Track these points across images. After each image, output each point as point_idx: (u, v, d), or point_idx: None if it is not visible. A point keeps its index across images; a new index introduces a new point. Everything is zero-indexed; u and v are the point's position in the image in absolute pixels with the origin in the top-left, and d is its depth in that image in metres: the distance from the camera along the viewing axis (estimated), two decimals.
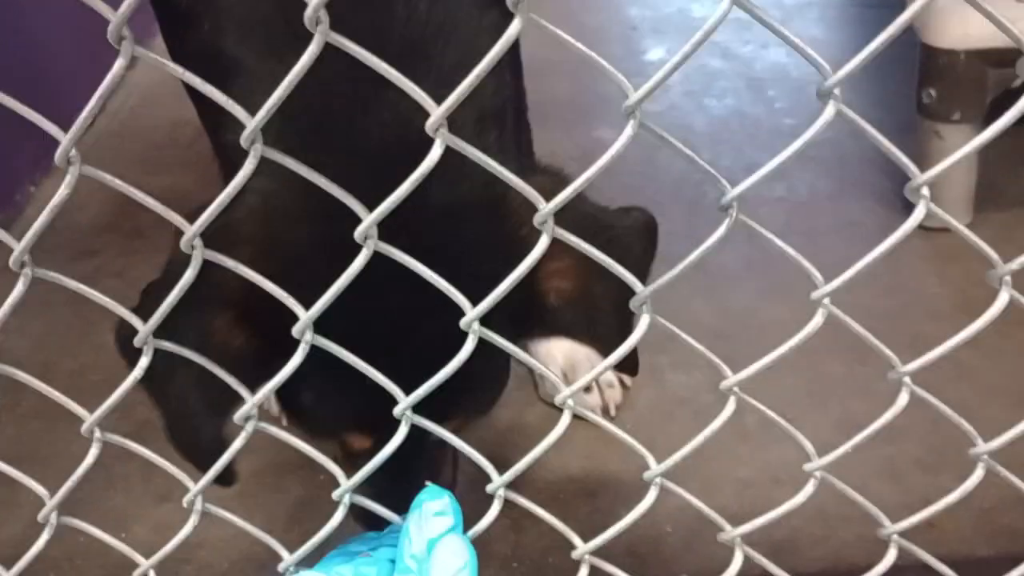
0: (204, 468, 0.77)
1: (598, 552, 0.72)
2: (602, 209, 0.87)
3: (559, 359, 1.32)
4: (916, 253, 1.51)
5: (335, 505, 0.72)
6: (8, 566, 1.12)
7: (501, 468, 0.70)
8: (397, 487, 0.75)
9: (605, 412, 1.30)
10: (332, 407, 0.85)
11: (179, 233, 0.60)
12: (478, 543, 0.71)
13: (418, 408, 0.67)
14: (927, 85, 1.51)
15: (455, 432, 0.71)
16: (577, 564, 0.73)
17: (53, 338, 1.50)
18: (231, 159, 0.80)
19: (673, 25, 2.27)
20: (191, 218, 0.59)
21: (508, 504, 0.71)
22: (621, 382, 1.32)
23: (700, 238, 0.85)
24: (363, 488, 0.72)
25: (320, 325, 0.62)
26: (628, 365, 0.95)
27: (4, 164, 1.76)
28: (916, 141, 1.56)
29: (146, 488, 1.24)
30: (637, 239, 0.88)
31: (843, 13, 2.31)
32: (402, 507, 0.70)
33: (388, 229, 0.58)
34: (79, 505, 0.79)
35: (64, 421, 1.39)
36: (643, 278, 0.69)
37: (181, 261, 0.61)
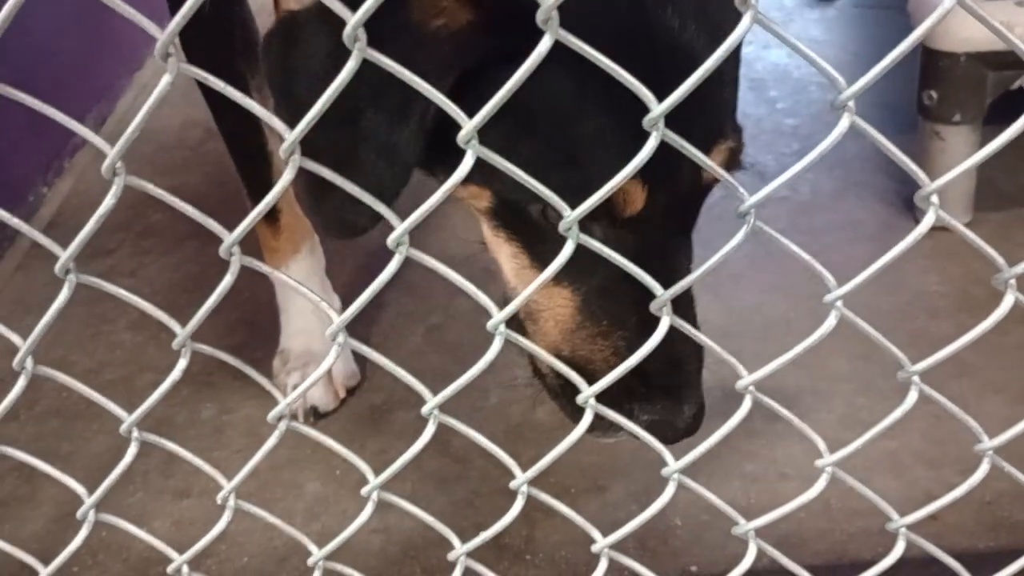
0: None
1: (612, 546, 0.75)
2: None
3: None
4: (917, 250, 1.51)
5: (353, 500, 0.74)
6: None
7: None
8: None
9: None
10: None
11: None
12: (492, 537, 0.74)
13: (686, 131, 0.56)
14: (928, 87, 1.53)
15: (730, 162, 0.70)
16: (589, 557, 0.76)
17: (68, 336, 1.52)
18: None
19: None
20: None
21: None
22: None
23: (706, 234, 0.88)
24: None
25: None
26: None
27: (17, 165, 1.78)
28: (917, 141, 1.59)
29: (165, 484, 1.26)
30: None
31: (843, 13, 2.33)
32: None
33: None
34: (102, 500, 0.81)
35: (82, 419, 1.42)
36: None
37: None
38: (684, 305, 0.81)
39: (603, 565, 0.75)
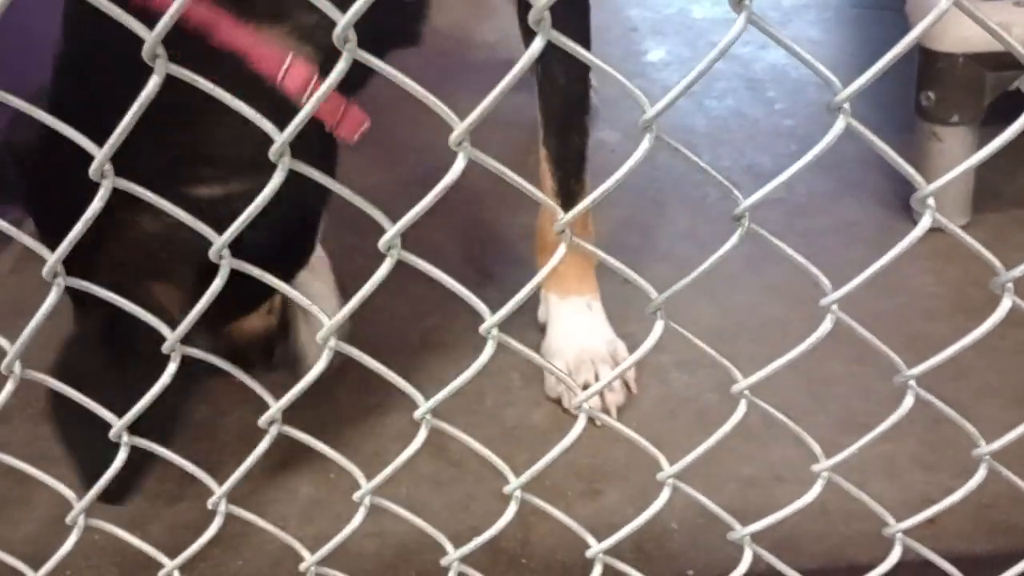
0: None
1: (607, 550, 0.74)
2: None
3: (567, 355, 1.34)
4: (914, 253, 1.49)
5: (347, 504, 0.74)
6: (26, 564, 1.14)
7: (507, 465, 0.72)
8: None
9: (604, 414, 1.31)
10: None
11: None
12: (487, 541, 0.74)
13: None
14: (926, 88, 1.53)
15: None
16: (585, 561, 0.75)
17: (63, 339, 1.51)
18: None
19: (673, 26, 2.28)
20: None
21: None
22: (625, 384, 1.34)
23: (701, 237, 0.88)
24: None
25: None
26: None
27: None
28: (915, 143, 1.59)
29: (160, 488, 1.25)
30: None
31: (841, 14, 2.32)
32: None
33: None
34: (93, 505, 0.81)
35: None
36: None
37: None
38: None
39: (598, 570, 0.75)
